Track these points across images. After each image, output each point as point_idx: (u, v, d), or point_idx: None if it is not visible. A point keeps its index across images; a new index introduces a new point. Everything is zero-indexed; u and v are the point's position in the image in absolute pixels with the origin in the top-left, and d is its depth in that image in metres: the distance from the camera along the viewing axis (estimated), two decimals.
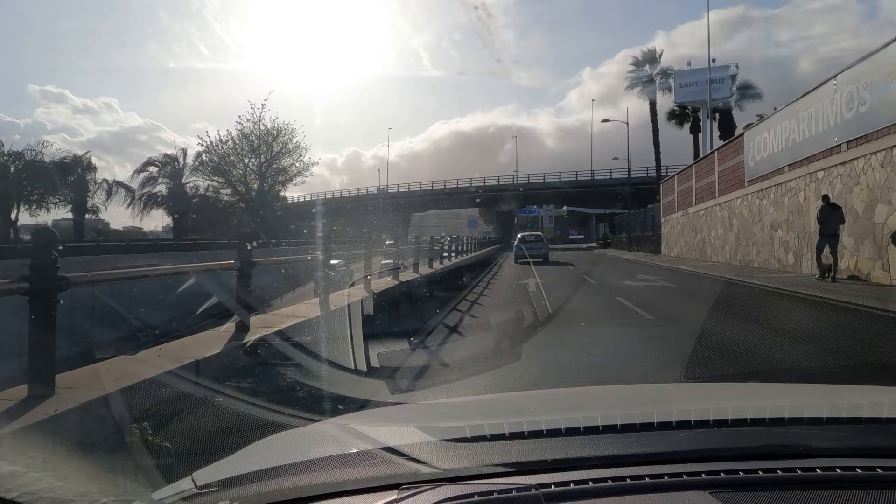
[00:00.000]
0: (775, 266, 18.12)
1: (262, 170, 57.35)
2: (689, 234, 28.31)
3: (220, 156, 56.04)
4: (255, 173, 57.31)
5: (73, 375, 3.23)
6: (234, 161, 56.97)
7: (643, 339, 7.55)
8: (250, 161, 57.37)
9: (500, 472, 1.21)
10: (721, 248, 23.85)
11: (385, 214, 66.55)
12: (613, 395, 2.33)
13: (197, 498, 1.22)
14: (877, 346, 6.98)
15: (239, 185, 57.48)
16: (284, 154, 58.15)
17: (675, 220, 31.12)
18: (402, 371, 5.72)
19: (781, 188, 18.08)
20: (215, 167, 56.49)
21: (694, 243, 27.51)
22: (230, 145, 55.95)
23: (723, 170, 23.76)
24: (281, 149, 57.55)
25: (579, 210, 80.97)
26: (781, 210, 18.01)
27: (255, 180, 57.40)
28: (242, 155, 56.79)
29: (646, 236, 37.78)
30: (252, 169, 57.26)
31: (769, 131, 19.14)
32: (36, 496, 1.32)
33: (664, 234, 33.35)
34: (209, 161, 55.95)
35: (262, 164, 57.36)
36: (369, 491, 1.18)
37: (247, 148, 56.64)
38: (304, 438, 1.76)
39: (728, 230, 23.05)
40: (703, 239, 25.98)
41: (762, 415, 1.48)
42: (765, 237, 19.40)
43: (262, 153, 57.14)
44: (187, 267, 5.41)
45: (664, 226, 33.39)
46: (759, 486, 1.16)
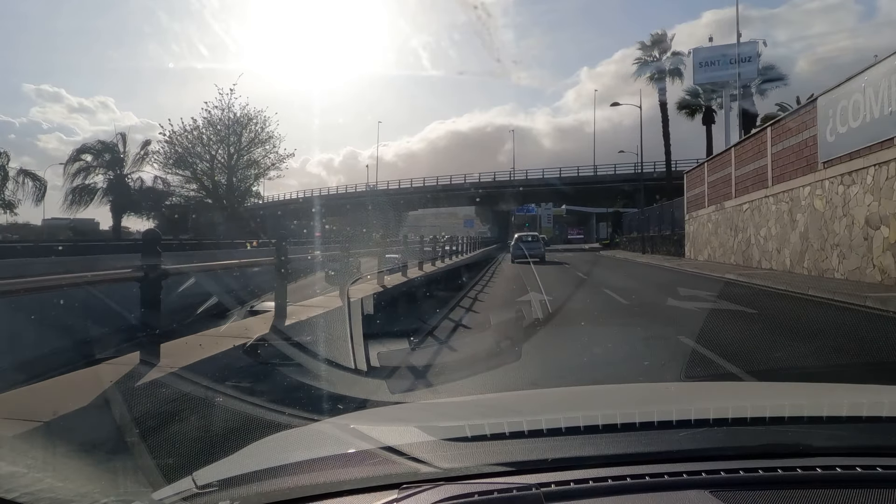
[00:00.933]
0: (876, 278, 13.07)
1: (231, 162, 51.62)
2: (726, 234, 23.08)
3: (185, 147, 50.38)
4: (224, 166, 51.79)
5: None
6: (200, 152, 51.13)
7: None
8: (218, 152, 51.43)
9: (501, 471, 1.21)
10: (776, 252, 18.45)
11: (377, 213, 62.60)
12: (613, 394, 2.33)
13: (197, 498, 1.22)
14: None
15: (205, 179, 51.99)
16: (256, 144, 52.45)
17: (704, 216, 25.97)
18: (402, 370, 5.72)
19: (890, 168, 12.78)
20: (179, 159, 50.51)
21: (732, 245, 22.35)
22: (196, 135, 50.25)
23: (780, 150, 18.14)
24: (253, 138, 51.84)
25: (579, 209, 78.77)
26: (889, 200, 12.76)
27: (224, 174, 52.10)
28: (209, 146, 51.06)
29: (663, 236, 33.44)
30: (220, 161, 51.63)
31: (864, 91, 13.66)
32: (36, 497, 1.32)
33: (689, 233, 28.25)
34: (173, 152, 50.10)
35: (231, 155, 51.52)
36: (369, 490, 1.18)
37: (214, 137, 50.95)
38: (304, 438, 1.76)
39: (788, 228, 17.53)
40: (748, 239, 20.75)
41: (762, 414, 1.48)
42: (855, 238, 14.03)
43: (230, 143, 51.22)
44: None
45: (689, 223, 28.21)
46: (759, 485, 1.16)
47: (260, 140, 52.13)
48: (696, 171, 28.08)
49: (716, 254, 24.40)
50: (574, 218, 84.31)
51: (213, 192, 52.34)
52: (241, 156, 52.28)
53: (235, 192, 53.07)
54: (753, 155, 20.57)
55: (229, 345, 4.45)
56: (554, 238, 72.82)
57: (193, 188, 53.18)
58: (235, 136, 51.00)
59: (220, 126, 50.55)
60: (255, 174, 54.71)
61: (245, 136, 51.89)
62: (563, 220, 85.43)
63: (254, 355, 4.47)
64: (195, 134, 50.31)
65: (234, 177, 52.47)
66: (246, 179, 54.44)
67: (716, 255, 24.34)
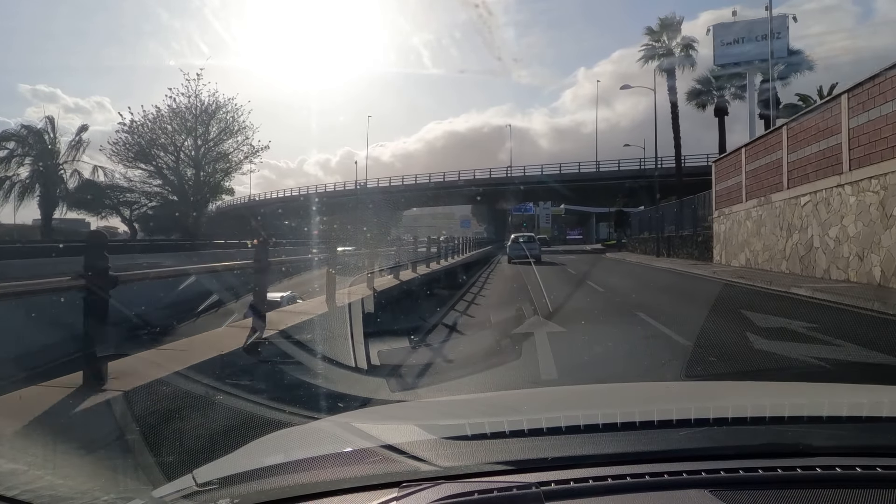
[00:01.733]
0: None
1: (198, 155, 46.85)
2: (774, 234, 18.41)
3: (148, 137, 45.71)
4: (190, 159, 47.11)
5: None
6: (164, 144, 46.45)
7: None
8: (185, 144, 46.66)
9: (501, 470, 1.21)
10: (855, 259, 13.85)
11: (371, 211, 59.54)
12: (614, 393, 2.33)
13: (197, 496, 1.22)
14: None
15: (170, 173, 47.24)
16: (227, 136, 47.57)
17: (740, 213, 21.36)
18: (402, 369, 5.72)
19: None
20: (140, 151, 45.64)
21: (783, 248, 17.71)
22: (159, 125, 45.58)
23: (863, 124, 13.58)
24: (224, 128, 47.17)
25: (578, 209, 76.77)
26: None
27: (191, 168, 47.51)
28: (174, 136, 46.46)
29: (683, 237, 29.29)
30: (187, 154, 47.01)
31: None
32: (37, 494, 1.33)
33: (718, 233, 23.75)
34: (134, 143, 45.20)
35: (199, 147, 46.70)
36: (370, 489, 1.18)
37: (180, 128, 46.24)
38: (304, 436, 1.76)
39: (878, 227, 12.96)
40: (808, 241, 16.09)
41: (762, 413, 1.48)
42: None
43: (197, 134, 46.37)
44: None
45: (718, 222, 23.69)
46: (759, 484, 1.16)
47: (231, 131, 47.52)
48: (730, 160, 22.98)
49: (757, 259, 19.72)
50: (573, 218, 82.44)
51: (178, 187, 47.63)
52: (210, 148, 47.69)
53: (204, 187, 48.65)
54: (819, 133, 15.52)
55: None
56: (553, 238, 71.28)
57: (158, 183, 48.07)
58: (203, 127, 46.38)
59: (188, 115, 45.77)
60: (225, 168, 49.96)
61: (214, 127, 47.38)
62: (561, 220, 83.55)
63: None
64: (158, 124, 45.61)
65: (203, 171, 47.91)
66: (215, 174, 49.65)
67: (757, 261, 19.67)
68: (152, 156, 46.26)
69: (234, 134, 47.74)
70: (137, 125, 45.09)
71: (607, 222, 74.03)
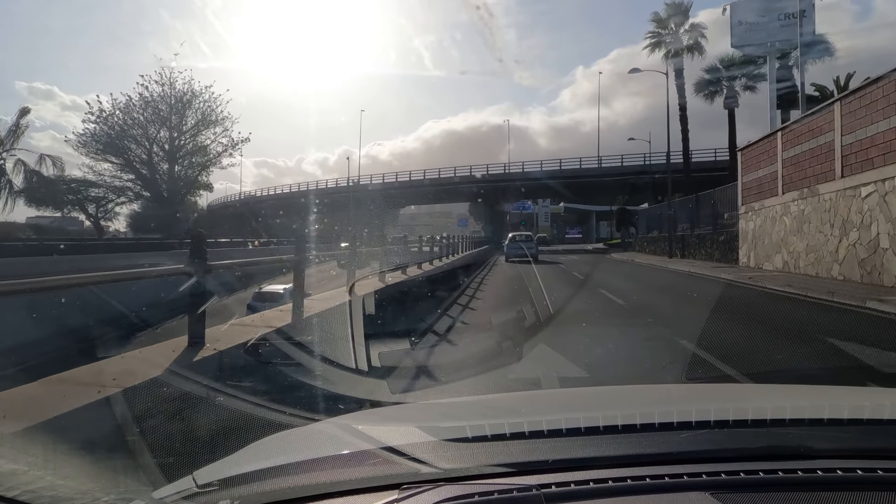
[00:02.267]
0: None
1: (173, 147, 43.66)
2: (822, 233, 15.43)
3: (119, 130, 42.18)
4: (165, 152, 44.01)
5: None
6: (136, 135, 42.98)
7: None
8: (158, 135, 43.37)
9: (501, 472, 1.21)
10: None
11: (364, 209, 57.04)
12: (614, 395, 2.33)
13: (198, 497, 1.22)
14: None
15: (142, 167, 43.88)
16: (203, 127, 44.15)
17: (775, 208, 18.15)
18: (403, 370, 5.72)
19: None
20: (109, 143, 42.04)
21: (835, 249, 14.72)
22: (130, 114, 42.01)
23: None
24: (201, 120, 43.88)
25: (578, 207, 74.90)
26: None
27: (164, 161, 44.24)
28: (147, 127, 43.03)
29: (700, 236, 26.09)
30: (160, 146, 43.84)
31: None
32: (37, 494, 1.33)
33: (745, 231, 20.55)
34: (103, 134, 41.74)
35: (174, 139, 43.63)
36: (370, 490, 1.18)
37: (153, 118, 42.74)
38: (304, 438, 1.76)
39: None
40: (873, 242, 13.15)
41: (763, 416, 1.48)
42: None
43: (171, 125, 43.16)
44: None
45: (746, 219, 20.51)
46: (760, 487, 1.16)
47: (208, 122, 44.13)
48: (761, 147, 19.58)
49: (798, 261, 16.56)
50: (573, 217, 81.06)
51: (151, 182, 44.17)
52: (187, 140, 44.56)
53: (179, 182, 45.54)
54: (892, 105, 12.57)
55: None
56: (552, 237, 69.70)
57: (130, 178, 44.29)
58: (178, 117, 43.25)
59: (162, 105, 42.51)
60: (202, 162, 46.33)
61: (191, 118, 44.13)
62: (561, 219, 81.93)
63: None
64: (129, 113, 42.00)
65: (178, 164, 44.83)
66: (191, 168, 46.24)
67: (798, 264, 16.55)
68: (123, 148, 42.66)
69: (212, 125, 44.40)
70: (107, 115, 41.48)
71: (608, 221, 72.97)
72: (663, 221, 31.51)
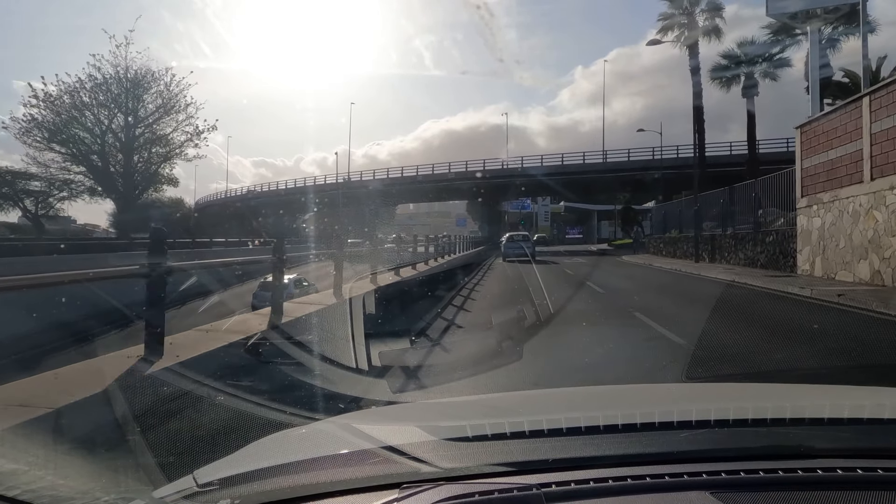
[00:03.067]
0: None
1: (129, 136, 38.81)
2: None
3: (66, 116, 37.24)
4: (120, 141, 39.10)
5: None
6: (88, 122, 38.02)
7: None
8: (113, 122, 38.23)
9: (502, 471, 1.21)
10: None
11: (357, 208, 54.45)
12: (615, 394, 2.33)
13: (198, 496, 1.22)
14: None
15: (95, 158, 38.90)
16: (165, 114, 39.43)
17: (857, 200, 13.70)
18: (403, 370, 5.72)
19: None
20: (54, 132, 37.22)
21: None
22: (82, 99, 37.10)
23: None
24: (162, 105, 39.21)
25: (579, 206, 73.40)
26: None
27: (119, 151, 39.40)
28: (99, 113, 38.03)
29: (737, 236, 21.04)
30: (115, 135, 38.98)
31: None
32: (37, 494, 1.33)
33: (808, 231, 15.73)
34: (46, 121, 36.77)
35: (130, 126, 38.72)
36: (370, 490, 1.18)
37: (106, 102, 37.76)
38: (305, 437, 1.76)
39: None
40: None
41: (764, 415, 1.48)
42: None
43: (128, 111, 38.11)
44: None
45: (808, 215, 15.73)
46: (760, 486, 1.16)
47: (170, 108, 39.34)
48: (835, 119, 14.76)
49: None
50: (573, 216, 79.45)
51: (104, 175, 39.26)
52: (145, 129, 39.87)
53: (136, 175, 40.82)
54: None
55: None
56: (552, 237, 68.83)
57: (80, 171, 39.61)
58: (135, 102, 38.45)
59: (116, 87, 37.55)
60: (164, 153, 41.63)
61: (150, 103, 39.31)
62: (561, 218, 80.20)
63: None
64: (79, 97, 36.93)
65: (136, 155, 40.06)
66: (151, 160, 41.50)
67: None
68: (71, 136, 37.85)
69: (174, 112, 39.53)
70: (53, 99, 36.49)
71: (610, 221, 72.06)
72: (684, 219, 27.51)
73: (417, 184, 55.35)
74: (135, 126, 39.35)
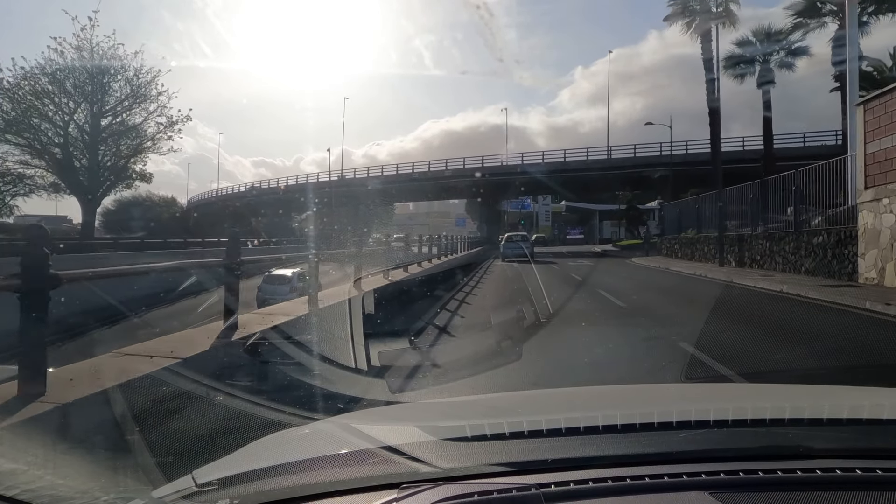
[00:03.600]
0: None
1: (94, 127, 35.50)
2: None
3: (24, 105, 33.83)
4: (84, 132, 35.73)
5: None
6: (49, 111, 34.62)
7: None
8: (76, 113, 35.15)
9: (501, 471, 1.21)
10: None
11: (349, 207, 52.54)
12: (614, 395, 2.33)
13: (197, 496, 1.22)
14: None
15: (57, 151, 35.45)
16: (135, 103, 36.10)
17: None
18: (402, 370, 5.72)
19: None
20: (10, 122, 33.80)
21: None
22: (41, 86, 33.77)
23: None
24: (131, 93, 36.00)
25: (580, 205, 72.29)
26: None
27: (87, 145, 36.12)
28: (61, 102, 34.85)
29: (778, 237, 17.48)
30: (80, 126, 35.54)
31: None
32: (37, 494, 1.33)
33: (874, 230, 12.95)
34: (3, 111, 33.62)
35: (95, 116, 35.41)
36: (369, 490, 1.18)
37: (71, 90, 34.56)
38: (304, 437, 1.76)
39: None
40: None
41: (762, 415, 1.49)
42: None
43: (94, 99, 34.86)
44: None
45: (875, 211, 12.91)
46: (759, 486, 1.16)
47: (141, 97, 35.96)
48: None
49: None
50: (575, 216, 78.28)
51: (67, 169, 35.70)
52: (113, 119, 36.53)
53: (103, 171, 37.10)
54: None
55: None
56: (553, 238, 68.42)
57: (40, 164, 35.94)
58: (101, 89, 35.12)
59: (82, 75, 34.27)
60: (134, 146, 38.19)
61: (118, 91, 35.82)
62: (562, 218, 79.03)
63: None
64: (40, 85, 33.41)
65: (103, 147, 36.52)
66: (120, 153, 37.93)
67: None
68: (30, 127, 34.36)
69: (144, 101, 36.20)
70: (10, 86, 33.06)
71: (612, 220, 71.21)
72: (703, 218, 24.50)
73: (414, 182, 53.33)
74: (100, 116, 36.04)
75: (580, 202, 70.39)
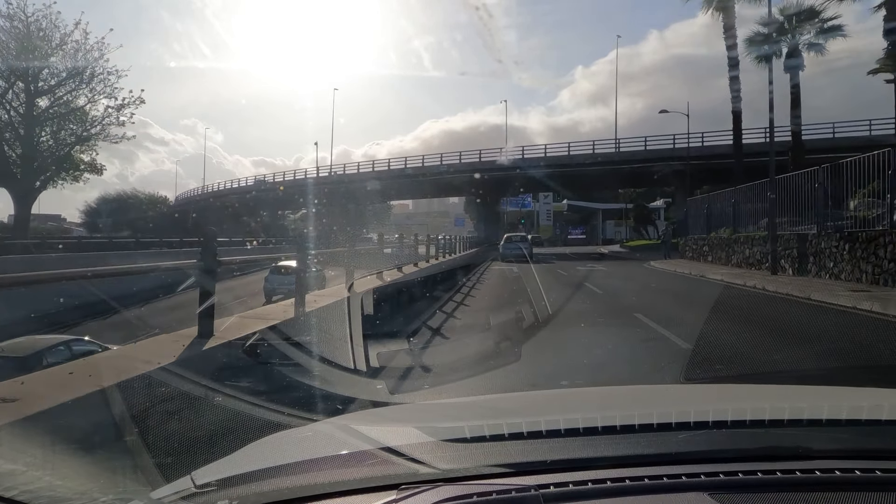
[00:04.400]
0: None
1: (29, 109, 30.69)
2: None
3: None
4: (17, 114, 30.83)
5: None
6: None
7: None
8: (9, 91, 30.38)
9: (500, 472, 1.21)
10: None
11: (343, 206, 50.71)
12: (613, 395, 2.33)
13: (196, 497, 1.22)
14: None
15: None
16: (79, 82, 31.48)
17: None
18: (402, 371, 5.71)
19: None
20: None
21: None
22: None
23: None
24: (74, 69, 31.22)
25: (582, 204, 71.15)
26: None
27: (20, 127, 31.12)
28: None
29: (867, 237, 12.91)
30: (9, 104, 30.64)
31: None
32: (35, 494, 1.33)
33: None
34: None
35: (31, 94, 30.63)
36: (368, 491, 1.18)
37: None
38: (303, 438, 1.76)
39: None
40: None
41: (761, 416, 1.49)
42: None
43: (28, 77, 30.12)
44: None
45: None
46: (758, 487, 1.16)
47: (86, 75, 31.41)
48: None
49: None
50: (577, 215, 76.67)
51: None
52: (52, 100, 31.95)
53: (45, 160, 32.56)
54: None
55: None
56: (554, 238, 67.65)
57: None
58: (37, 63, 30.11)
59: (15, 48, 29.39)
60: (78, 132, 33.24)
61: (59, 66, 31.10)
62: (563, 218, 76.98)
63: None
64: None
65: (41, 132, 31.97)
66: (61, 139, 33.11)
67: None
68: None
69: (90, 80, 31.48)
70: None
71: (616, 220, 70.03)
72: (742, 215, 20.52)
73: (407, 177, 50.37)
74: (36, 95, 31.24)
75: (582, 201, 69.17)
